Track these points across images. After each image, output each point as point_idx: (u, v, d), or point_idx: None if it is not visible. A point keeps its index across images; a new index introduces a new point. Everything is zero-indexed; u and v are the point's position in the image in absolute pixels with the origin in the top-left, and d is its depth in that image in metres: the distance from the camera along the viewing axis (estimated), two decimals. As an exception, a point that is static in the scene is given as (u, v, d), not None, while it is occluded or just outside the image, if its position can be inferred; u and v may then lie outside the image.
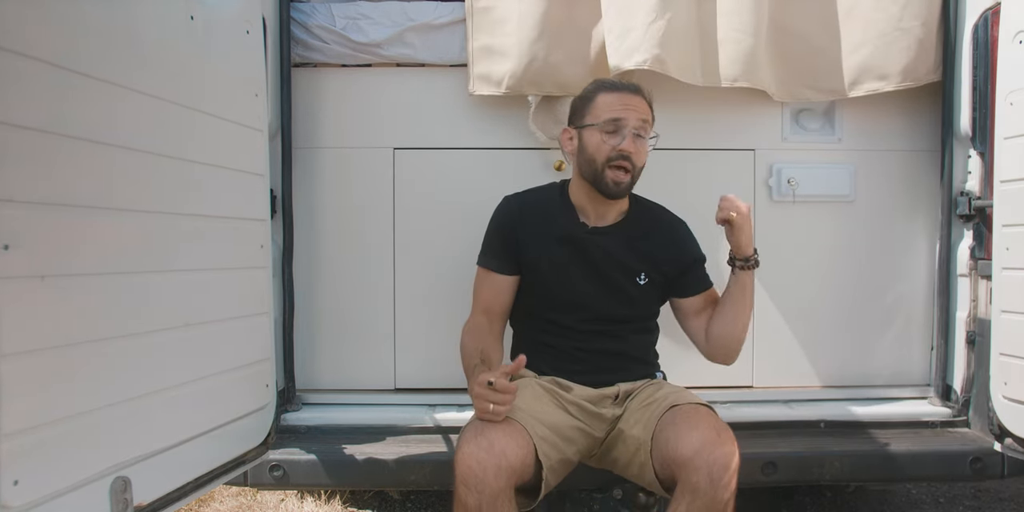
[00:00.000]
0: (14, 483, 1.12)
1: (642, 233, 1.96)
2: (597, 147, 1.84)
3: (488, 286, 1.98)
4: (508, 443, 1.61)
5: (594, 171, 1.86)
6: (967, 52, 2.19)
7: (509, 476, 1.59)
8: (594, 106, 1.87)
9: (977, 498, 2.79)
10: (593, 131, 1.85)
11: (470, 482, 1.57)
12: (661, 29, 2.11)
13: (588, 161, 1.86)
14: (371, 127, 2.34)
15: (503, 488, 1.58)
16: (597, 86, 1.92)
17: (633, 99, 1.86)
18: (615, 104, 1.85)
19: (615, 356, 1.94)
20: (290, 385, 2.25)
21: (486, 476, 1.57)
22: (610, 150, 1.83)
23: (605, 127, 1.84)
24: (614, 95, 1.86)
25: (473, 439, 1.62)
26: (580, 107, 1.92)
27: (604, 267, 1.92)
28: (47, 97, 1.20)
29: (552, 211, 1.96)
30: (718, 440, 1.62)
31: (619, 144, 1.82)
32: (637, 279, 1.93)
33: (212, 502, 2.70)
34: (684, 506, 1.58)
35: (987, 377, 1.98)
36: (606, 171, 1.84)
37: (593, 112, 1.87)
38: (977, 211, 2.19)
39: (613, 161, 1.83)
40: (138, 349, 1.40)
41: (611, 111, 1.84)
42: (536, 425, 1.72)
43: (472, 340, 1.91)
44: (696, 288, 1.98)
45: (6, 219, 1.11)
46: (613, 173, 1.84)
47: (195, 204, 1.59)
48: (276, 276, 2.16)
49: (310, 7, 2.29)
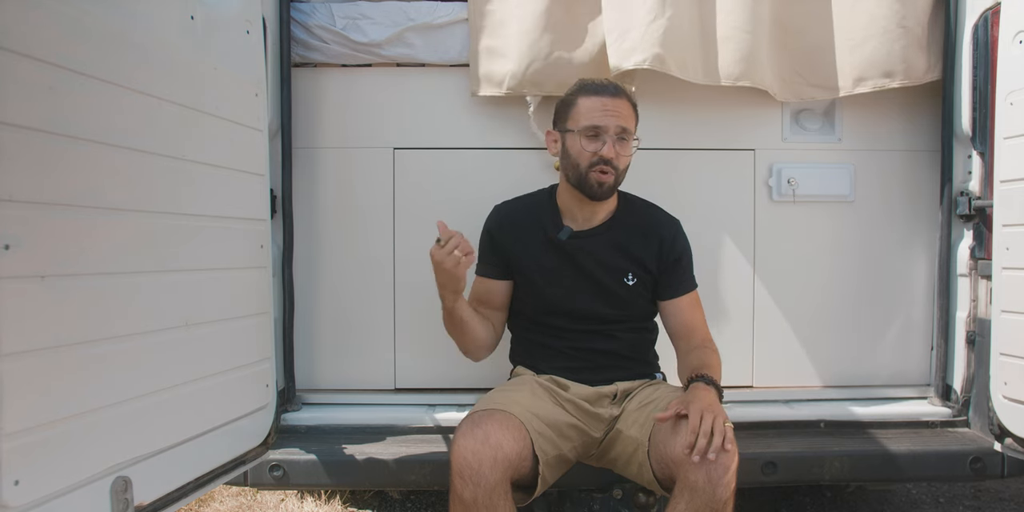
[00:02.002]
0: (15, 483, 1.12)
1: (628, 233, 1.96)
2: (579, 152, 1.86)
3: (482, 290, 2.01)
4: (504, 435, 1.62)
5: (578, 175, 1.87)
6: (967, 52, 2.19)
7: (505, 469, 1.60)
8: (575, 111, 1.88)
9: (977, 498, 2.79)
10: (575, 136, 1.87)
11: (466, 474, 1.58)
12: (661, 28, 2.11)
13: (572, 165, 1.88)
14: (371, 127, 2.34)
15: (499, 480, 1.59)
16: (578, 89, 1.91)
17: (614, 102, 1.85)
18: (595, 110, 1.85)
19: (610, 355, 1.95)
20: (290, 385, 2.25)
21: (482, 468, 1.57)
22: (591, 156, 1.84)
23: (585, 132, 1.85)
24: (595, 99, 1.86)
25: (469, 432, 1.63)
26: (562, 110, 1.92)
27: (592, 270, 1.93)
28: (47, 97, 1.20)
29: (540, 217, 1.97)
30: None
31: (599, 149, 1.83)
32: (625, 280, 1.94)
33: (212, 502, 2.70)
34: (683, 505, 1.58)
35: (987, 377, 1.98)
36: (589, 174, 1.85)
37: (574, 117, 1.88)
38: (977, 211, 2.19)
39: (595, 166, 1.84)
40: (138, 349, 1.40)
41: (591, 117, 1.84)
42: (532, 419, 1.73)
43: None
44: (677, 289, 1.96)
45: (6, 219, 1.11)
46: (596, 175, 1.85)
47: (195, 204, 1.59)
48: (276, 276, 2.16)
49: (310, 7, 2.29)
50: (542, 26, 2.20)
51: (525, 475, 1.70)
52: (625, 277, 1.94)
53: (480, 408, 1.74)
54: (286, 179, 2.23)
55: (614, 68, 2.15)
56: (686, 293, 1.98)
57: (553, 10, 2.20)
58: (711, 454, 1.52)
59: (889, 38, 2.22)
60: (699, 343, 1.93)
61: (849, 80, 2.26)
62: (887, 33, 2.22)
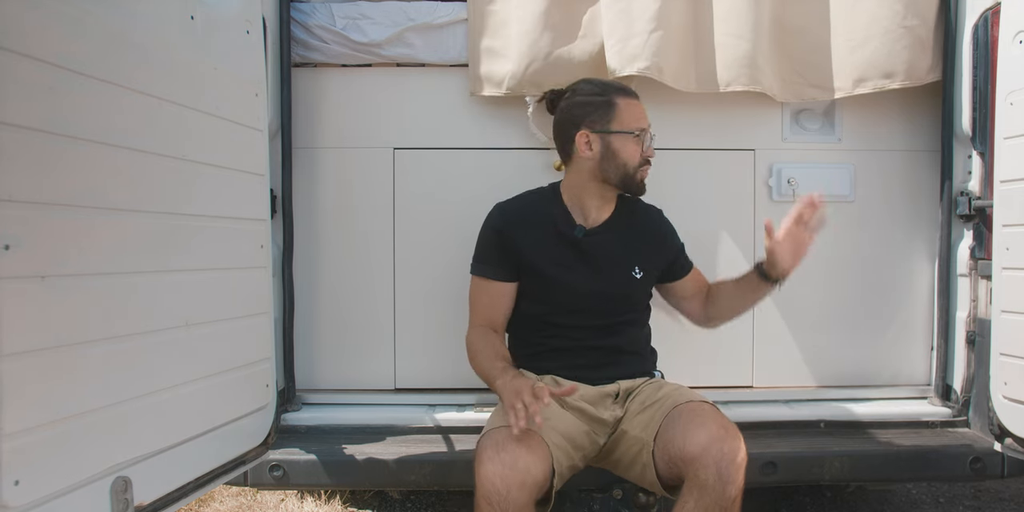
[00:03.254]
0: (15, 483, 1.12)
1: (631, 227, 2.00)
2: (632, 154, 1.91)
3: (487, 295, 1.98)
4: (531, 459, 1.62)
5: (626, 174, 1.92)
6: (967, 52, 2.19)
7: (532, 491, 1.61)
8: (618, 113, 1.90)
9: (977, 498, 2.79)
10: (624, 138, 1.90)
11: (494, 500, 1.57)
12: (660, 38, 2.15)
13: (619, 166, 1.91)
14: (371, 127, 2.34)
15: (526, 503, 1.60)
16: (609, 90, 1.93)
17: (641, 105, 1.95)
18: (638, 112, 1.93)
19: (613, 351, 1.96)
20: (290, 385, 2.25)
21: (510, 494, 1.57)
22: (641, 156, 1.92)
23: (636, 134, 1.91)
24: (632, 102, 1.93)
25: (496, 456, 1.61)
26: (599, 112, 1.90)
27: (605, 265, 1.95)
28: (47, 97, 1.20)
29: (548, 213, 1.97)
30: (726, 436, 1.63)
31: (646, 150, 1.93)
32: (633, 273, 1.97)
33: (212, 502, 2.70)
34: (692, 503, 1.58)
35: (987, 377, 1.98)
36: (638, 173, 1.93)
37: (619, 119, 1.90)
38: (977, 211, 2.19)
39: (643, 166, 1.93)
40: (138, 349, 1.40)
41: (638, 120, 1.92)
42: (551, 433, 1.73)
43: (487, 345, 1.90)
44: (684, 270, 2.08)
45: (6, 219, 1.11)
46: (643, 173, 1.94)
47: (195, 204, 1.59)
48: (276, 276, 2.16)
49: (310, 7, 2.29)
50: (542, 26, 2.20)
51: (545, 491, 1.70)
52: (634, 270, 1.98)
53: (499, 424, 1.71)
54: (286, 179, 2.23)
55: (613, 71, 2.16)
56: (693, 267, 2.11)
57: (553, 11, 2.20)
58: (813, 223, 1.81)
59: (890, 38, 2.22)
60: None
61: (850, 81, 2.26)
62: (888, 33, 2.22)
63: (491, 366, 1.84)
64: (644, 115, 1.93)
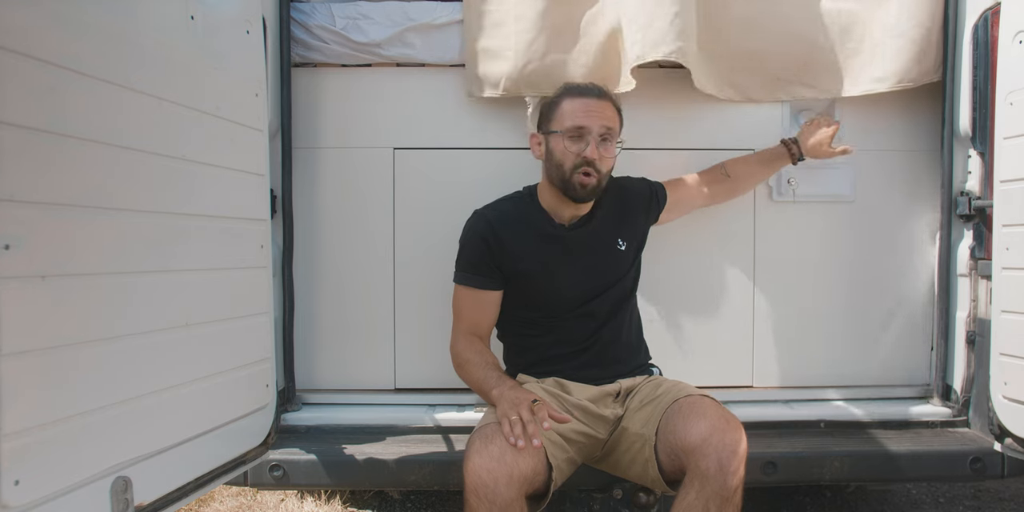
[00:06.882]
0: (15, 483, 1.12)
1: (611, 210, 2.01)
2: (563, 154, 1.87)
3: (474, 304, 1.97)
4: (520, 453, 1.61)
5: (561, 176, 1.88)
6: (967, 52, 2.19)
7: (520, 485, 1.59)
8: (559, 112, 1.89)
9: (977, 498, 2.79)
10: (558, 138, 1.87)
11: (481, 493, 1.57)
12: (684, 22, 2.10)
13: (555, 167, 1.89)
14: (371, 127, 2.34)
15: (515, 497, 1.58)
16: (563, 91, 1.93)
17: (598, 104, 1.87)
18: (579, 111, 1.86)
19: (612, 345, 1.96)
20: (290, 385, 2.25)
21: (497, 486, 1.57)
22: (575, 157, 1.85)
23: (569, 133, 1.86)
24: (578, 101, 1.87)
25: (484, 449, 1.61)
26: (547, 112, 1.93)
27: (593, 251, 1.97)
28: (47, 97, 1.20)
29: (529, 216, 1.98)
30: (727, 427, 1.63)
31: (583, 151, 1.84)
32: (618, 246, 1.99)
33: (212, 502, 2.71)
34: (694, 493, 1.59)
35: (987, 377, 1.98)
36: (573, 176, 1.86)
37: (558, 118, 1.89)
38: (977, 211, 2.19)
39: (579, 168, 1.85)
40: (138, 349, 1.40)
41: (574, 118, 1.86)
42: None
43: (476, 354, 1.91)
44: (663, 198, 2.12)
45: (6, 219, 1.11)
46: (580, 177, 1.86)
47: (195, 204, 1.59)
48: (276, 276, 2.16)
49: (310, 7, 2.29)
50: (539, 27, 2.20)
51: (538, 486, 1.69)
52: (618, 244, 1.99)
53: (491, 421, 1.72)
54: (286, 179, 2.23)
55: (637, 58, 2.10)
56: (678, 179, 2.19)
57: (550, 11, 2.20)
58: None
59: (888, 40, 2.22)
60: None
61: (850, 81, 2.26)
62: (886, 35, 2.22)
63: (485, 376, 1.84)
64: (590, 114, 1.85)
